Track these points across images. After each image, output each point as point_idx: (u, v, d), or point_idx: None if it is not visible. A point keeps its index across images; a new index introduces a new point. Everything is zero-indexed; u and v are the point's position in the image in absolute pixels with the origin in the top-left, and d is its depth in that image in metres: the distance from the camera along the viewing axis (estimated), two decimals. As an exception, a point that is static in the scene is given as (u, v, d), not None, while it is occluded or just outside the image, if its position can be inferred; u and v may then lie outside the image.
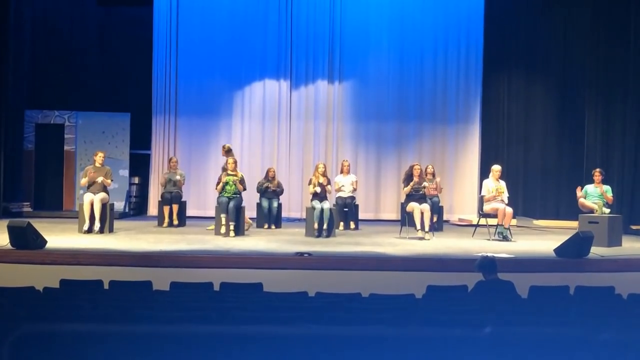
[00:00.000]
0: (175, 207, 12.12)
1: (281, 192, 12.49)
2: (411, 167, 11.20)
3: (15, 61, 13.41)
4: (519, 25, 14.51)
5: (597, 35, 12.81)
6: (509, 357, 1.66)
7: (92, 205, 10.61)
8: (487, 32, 14.60)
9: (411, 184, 10.96)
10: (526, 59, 14.50)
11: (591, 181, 10.91)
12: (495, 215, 10.93)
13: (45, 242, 8.96)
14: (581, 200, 10.68)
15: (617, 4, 12.31)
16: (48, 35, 14.41)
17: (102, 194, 10.74)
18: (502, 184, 11.14)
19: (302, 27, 14.57)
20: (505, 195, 11.03)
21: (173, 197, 12.12)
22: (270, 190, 12.24)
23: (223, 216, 10.90)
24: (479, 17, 14.59)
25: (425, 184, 11.22)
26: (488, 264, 6.45)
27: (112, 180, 11.23)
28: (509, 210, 10.86)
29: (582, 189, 10.77)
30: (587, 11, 13.17)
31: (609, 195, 10.65)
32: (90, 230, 10.54)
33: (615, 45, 12.42)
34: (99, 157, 11.08)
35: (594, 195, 10.65)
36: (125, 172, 14.02)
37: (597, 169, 10.88)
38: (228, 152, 11.83)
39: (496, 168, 11.25)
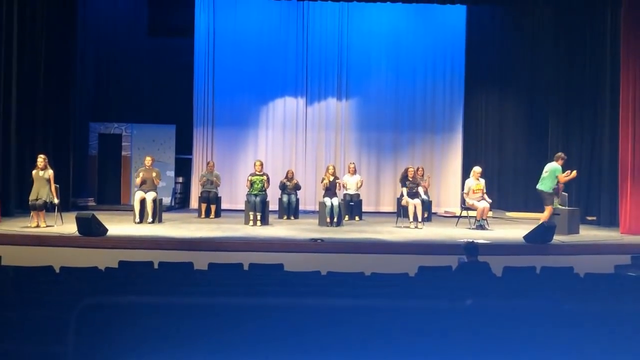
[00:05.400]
0: (212, 207, 12.13)
1: (298, 188, 12.49)
2: (406, 170, 11.21)
3: (81, 84, 13.47)
4: (494, 49, 14.39)
5: (559, 52, 12.64)
6: (486, 325, 1.66)
7: (140, 201, 10.73)
8: (468, 56, 14.52)
9: (407, 184, 10.96)
10: (500, 77, 14.39)
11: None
12: (475, 209, 10.88)
13: (106, 230, 9.01)
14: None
15: (576, 26, 12.16)
16: (108, 62, 14.44)
17: (153, 193, 10.80)
18: (482, 182, 11.07)
19: (316, 54, 14.53)
20: (484, 192, 10.95)
21: (210, 197, 12.13)
22: (289, 187, 12.26)
23: (251, 213, 10.93)
24: (461, 43, 14.52)
25: (421, 184, 11.34)
26: (472, 248, 6.45)
27: (160, 180, 11.30)
28: (487, 205, 10.81)
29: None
30: (550, 33, 13.04)
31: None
32: (140, 222, 10.61)
33: (574, 62, 12.25)
34: (147, 161, 11.15)
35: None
36: (171, 173, 14.03)
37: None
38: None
39: (477, 169, 11.17)
